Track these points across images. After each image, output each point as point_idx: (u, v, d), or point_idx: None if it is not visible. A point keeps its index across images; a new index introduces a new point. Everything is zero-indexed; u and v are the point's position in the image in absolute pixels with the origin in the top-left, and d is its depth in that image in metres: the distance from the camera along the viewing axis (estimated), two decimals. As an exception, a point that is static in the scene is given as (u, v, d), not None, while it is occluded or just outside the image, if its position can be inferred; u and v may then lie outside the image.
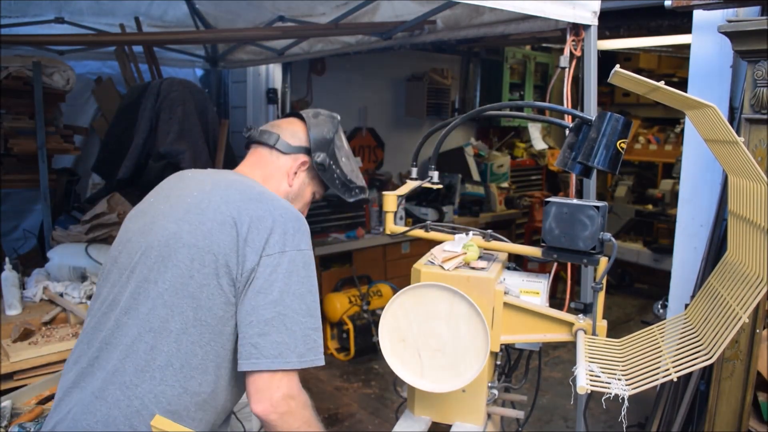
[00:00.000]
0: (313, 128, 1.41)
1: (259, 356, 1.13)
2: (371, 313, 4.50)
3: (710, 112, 1.18)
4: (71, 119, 3.88)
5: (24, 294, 2.64)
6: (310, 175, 1.43)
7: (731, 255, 1.37)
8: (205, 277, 1.15)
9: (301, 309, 1.17)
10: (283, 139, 1.38)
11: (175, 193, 1.28)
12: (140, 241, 1.23)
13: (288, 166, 1.39)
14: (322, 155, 1.39)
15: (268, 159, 1.39)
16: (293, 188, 1.41)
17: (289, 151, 1.38)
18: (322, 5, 3.15)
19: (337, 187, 1.45)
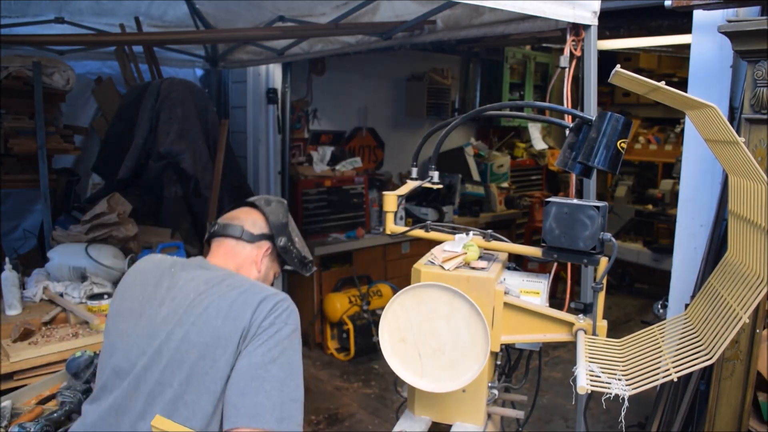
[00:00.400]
0: (270, 215, 1.50)
1: (237, 415, 1.18)
2: (371, 313, 4.50)
3: (710, 112, 1.18)
4: (71, 119, 3.88)
5: (24, 294, 2.64)
6: (272, 257, 1.52)
7: (731, 255, 1.37)
8: (218, 371, 1.20)
9: (282, 377, 1.22)
10: (246, 230, 1.45)
11: (170, 295, 1.31)
12: (143, 345, 1.27)
13: (254, 254, 1.46)
14: (283, 239, 1.50)
15: (236, 250, 1.45)
16: (261, 273, 1.48)
17: (254, 240, 1.46)
18: (322, 5, 3.15)
19: (296, 265, 1.56)
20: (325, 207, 4.69)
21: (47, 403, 1.90)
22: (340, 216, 4.77)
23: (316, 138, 5.09)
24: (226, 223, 1.47)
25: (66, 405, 1.74)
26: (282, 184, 4.54)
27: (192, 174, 3.46)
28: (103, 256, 2.81)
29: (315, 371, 4.26)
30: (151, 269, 1.41)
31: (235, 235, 1.44)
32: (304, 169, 4.80)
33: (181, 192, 3.50)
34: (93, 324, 2.44)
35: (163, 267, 1.40)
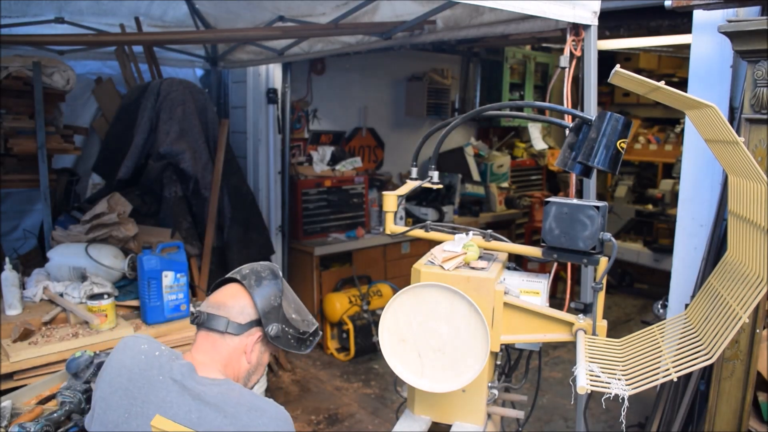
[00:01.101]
0: (259, 299, 1.37)
1: None
2: (371, 313, 4.50)
3: (710, 112, 1.18)
4: (71, 119, 3.88)
5: (24, 294, 2.64)
6: (265, 342, 1.40)
7: (731, 255, 1.37)
8: None
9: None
10: (232, 322, 1.34)
11: (151, 411, 1.23)
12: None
13: (243, 345, 1.36)
14: (275, 327, 1.37)
15: (221, 344, 1.34)
16: (252, 364, 1.39)
17: (241, 331, 1.35)
18: (322, 5, 3.14)
19: (292, 347, 1.42)
20: (325, 207, 4.69)
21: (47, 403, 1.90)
22: (340, 216, 4.77)
23: (316, 138, 5.09)
24: (211, 313, 1.35)
25: (66, 405, 1.74)
26: (282, 184, 4.55)
27: (192, 174, 3.46)
28: (103, 256, 2.81)
29: (315, 371, 4.26)
30: (137, 374, 1.28)
31: (220, 330, 1.33)
32: (304, 169, 4.80)
33: (181, 192, 3.50)
34: (93, 324, 2.44)
35: (150, 375, 1.28)
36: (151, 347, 1.34)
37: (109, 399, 1.28)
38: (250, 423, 1.22)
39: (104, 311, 2.46)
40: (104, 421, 1.27)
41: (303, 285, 4.62)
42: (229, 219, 3.71)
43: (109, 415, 1.26)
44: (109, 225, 3.03)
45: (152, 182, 3.46)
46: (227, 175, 3.69)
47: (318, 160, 4.95)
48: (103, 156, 3.83)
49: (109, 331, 2.47)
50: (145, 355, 1.31)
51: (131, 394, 1.26)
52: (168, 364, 1.29)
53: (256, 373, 1.42)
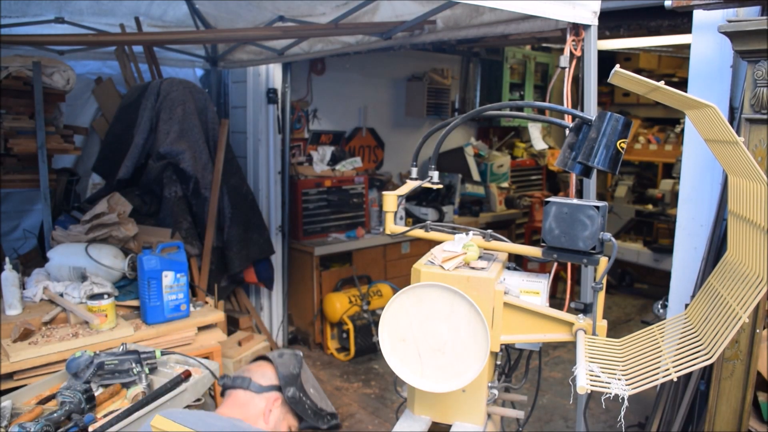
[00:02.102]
0: (280, 366, 1.52)
1: None
2: (371, 313, 4.50)
3: (710, 112, 1.18)
4: (71, 119, 3.88)
5: (24, 294, 2.64)
6: (284, 410, 1.51)
7: (731, 255, 1.37)
8: None
9: None
10: (254, 382, 1.47)
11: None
12: None
13: (263, 405, 1.46)
14: (292, 389, 1.50)
15: (243, 401, 1.46)
16: (269, 425, 1.47)
17: (262, 391, 1.47)
18: (322, 5, 3.15)
19: (310, 417, 1.53)
20: (325, 207, 4.70)
21: (47, 403, 1.90)
22: (340, 216, 4.78)
23: (316, 138, 5.09)
24: (237, 375, 1.50)
25: (66, 405, 1.74)
26: (282, 184, 4.55)
27: (192, 174, 3.46)
28: (103, 256, 2.81)
29: (315, 371, 4.26)
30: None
31: (243, 387, 1.46)
32: (304, 169, 4.80)
33: (181, 192, 3.50)
34: (93, 324, 2.44)
35: None
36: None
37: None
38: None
39: (104, 311, 2.46)
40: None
41: (303, 285, 4.62)
42: (229, 219, 3.71)
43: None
44: (109, 225, 3.04)
45: (152, 182, 3.47)
46: (227, 175, 3.69)
47: (318, 160, 4.95)
48: (103, 156, 3.83)
49: (109, 331, 2.47)
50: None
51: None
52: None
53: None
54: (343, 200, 4.78)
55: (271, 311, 4.65)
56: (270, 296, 4.62)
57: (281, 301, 4.66)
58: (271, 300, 4.63)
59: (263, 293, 4.62)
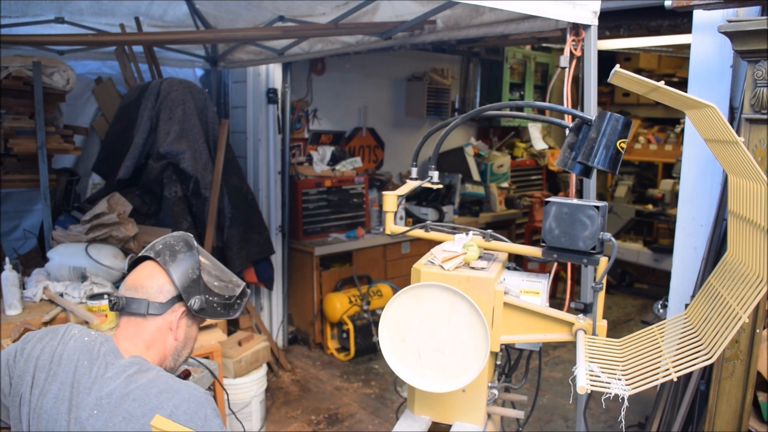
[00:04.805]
0: (176, 274, 1.34)
1: None
2: (371, 313, 4.50)
3: (710, 112, 1.18)
4: (71, 119, 3.88)
5: (24, 294, 2.64)
6: (190, 316, 1.39)
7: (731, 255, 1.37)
8: None
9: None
10: (153, 302, 1.32)
11: (76, 403, 1.22)
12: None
13: (167, 323, 1.34)
14: (197, 300, 1.35)
15: (144, 326, 1.32)
16: (180, 339, 1.37)
17: (163, 310, 1.33)
18: (322, 5, 3.15)
19: (220, 315, 1.40)
20: (325, 207, 4.70)
21: None
22: (340, 216, 4.78)
23: (316, 138, 5.09)
24: (130, 296, 1.33)
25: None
26: (282, 184, 4.55)
27: (192, 174, 3.46)
28: (103, 256, 2.81)
29: (315, 371, 4.26)
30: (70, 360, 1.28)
31: (141, 312, 1.31)
32: (304, 169, 4.80)
33: (181, 192, 3.50)
34: (93, 324, 2.44)
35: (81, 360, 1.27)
36: (81, 333, 1.35)
37: (40, 382, 1.27)
38: (159, 405, 1.19)
39: (104, 311, 2.46)
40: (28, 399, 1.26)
41: (303, 285, 4.62)
42: (229, 219, 3.71)
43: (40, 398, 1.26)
44: (109, 225, 3.03)
45: (152, 182, 3.46)
46: (227, 175, 3.69)
47: (318, 160, 4.95)
48: (103, 156, 3.83)
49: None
50: (80, 342, 1.32)
51: (59, 377, 1.26)
52: (96, 350, 1.29)
53: (185, 348, 1.41)
54: (343, 200, 4.78)
55: (271, 311, 4.65)
56: (270, 296, 4.62)
57: (281, 301, 4.66)
58: (271, 300, 4.63)
59: (263, 293, 4.62)
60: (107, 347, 1.30)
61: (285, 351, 4.57)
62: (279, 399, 3.83)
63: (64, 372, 1.26)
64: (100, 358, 1.27)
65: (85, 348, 1.30)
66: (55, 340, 1.32)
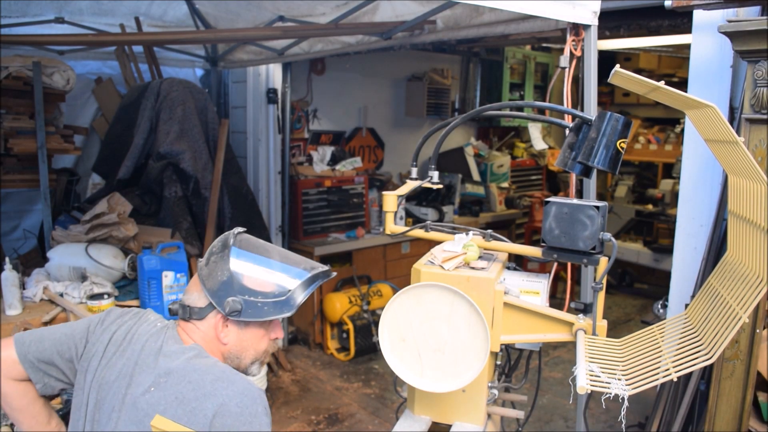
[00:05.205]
0: (207, 281, 1.31)
1: None
2: (371, 313, 4.50)
3: (710, 112, 1.18)
4: (71, 119, 3.88)
5: (24, 294, 2.64)
6: (238, 322, 1.32)
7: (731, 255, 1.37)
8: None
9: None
10: (194, 308, 1.32)
11: (137, 380, 1.24)
12: (104, 424, 1.24)
13: (212, 328, 1.32)
14: (230, 302, 1.28)
15: (195, 331, 1.33)
16: (229, 345, 1.33)
17: (203, 315, 1.31)
18: (322, 5, 3.15)
19: (270, 313, 1.30)
20: (325, 207, 4.69)
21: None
22: (340, 216, 4.77)
23: (316, 138, 5.09)
24: (182, 303, 1.35)
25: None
26: (282, 184, 4.55)
27: (192, 174, 3.46)
28: (103, 256, 2.81)
29: (315, 371, 4.26)
30: (141, 341, 1.32)
31: (185, 318, 1.32)
32: (304, 169, 4.80)
33: (181, 192, 3.50)
34: (93, 324, 2.44)
35: (148, 342, 1.31)
36: (156, 318, 1.39)
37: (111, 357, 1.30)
38: (213, 392, 1.19)
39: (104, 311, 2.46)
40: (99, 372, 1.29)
41: (303, 285, 4.61)
42: (229, 219, 3.71)
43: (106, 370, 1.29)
44: (109, 225, 3.04)
45: (152, 182, 3.47)
46: (227, 175, 3.69)
47: (318, 160, 4.95)
48: (103, 156, 3.83)
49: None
50: (152, 325, 1.35)
51: (126, 354, 1.29)
52: (164, 333, 1.33)
53: (244, 352, 1.36)
54: (343, 200, 4.78)
55: (271, 311, 4.65)
56: (270, 296, 4.61)
57: (281, 301, 4.65)
58: (271, 300, 4.62)
59: (263, 293, 4.61)
60: (173, 332, 1.34)
61: (285, 351, 4.57)
62: (279, 399, 3.83)
63: (132, 350, 1.29)
64: (166, 341, 1.30)
65: (154, 331, 1.33)
66: (133, 320, 1.37)
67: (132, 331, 1.33)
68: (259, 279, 1.32)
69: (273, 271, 1.36)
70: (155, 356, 1.27)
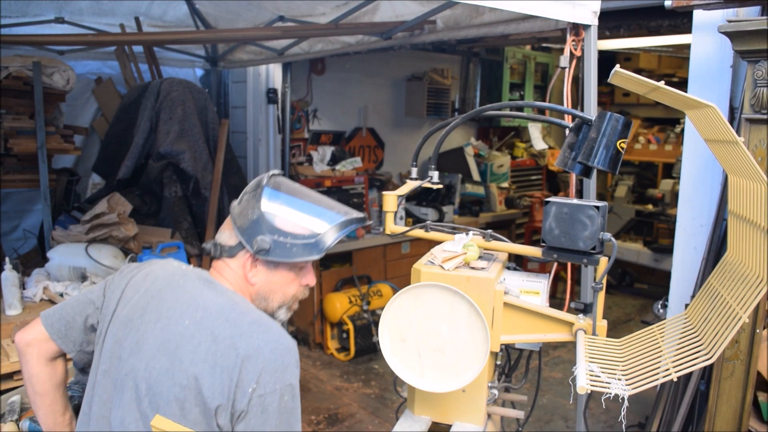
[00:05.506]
0: (237, 219, 1.30)
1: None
2: (371, 313, 4.50)
3: (710, 112, 1.18)
4: (71, 119, 3.88)
5: (24, 294, 2.64)
6: (267, 263, 1.30)
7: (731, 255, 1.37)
8: (196, 416, 1.15)
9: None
10: (225, 245, 1.31)
11: (167, 312, 1.23)
12: (130, 361, 1.21)
13: (241, 267, 1.30)
14: (258, 240, 1.25)
15: (225, 269, 1.32)
16: (257, 285, 1.31)
17: (233, 254, 1.30)
18: (322, 5, 3.15)
19: (298, 255, 1.27)
20: (325, 207, 4.69)
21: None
22: (340, 216, 4.77)
23: (316, 138, 5.09)
24: (214, 241, 1.34)
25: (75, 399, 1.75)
26: (282, 184, 4.54)
27: (192, 174, 3.46)
28: (103, 256, 2.81)
29: (315, 371, 4.26)
30: (169, 278, 1.32)
31: (216, 256, 1.32)
32: (304, 169, 4.80)
33: (181, 192, 3.50)
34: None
35: (176, 278, 1.31)
36: (180, 263, 1.38)
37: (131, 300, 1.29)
38: (250, 333, 1.18)
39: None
40: (119, 338, 1.26)
41: (303, 285, 4.61)
42: (229, 219, 3.71)
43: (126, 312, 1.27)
44: (109, 225, 3.04)
45: (152, 182, 3.47)
46: (227, 175, 3.69)
47: (318, 160, 4.95)
48: (103, 156, 3.83)
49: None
50: (173, 267, 1.35)
51: (148, 299, 1.27)
52: (191, 273, 1.33)
53: (272, 294, 1.33)
54: (343, 200, 4.75)
55: (271, 311, 4.65)
56: (270, 296, 4.61)
57: (281, 301, 4.65)
58: (271, 300, 4.62)
59: (263, 293, 4.61)
60: (205, 273, 1.33)
61: (285, 351, 4.57)
62: (279, 399, 3.83)
63: (155, 287, 1.28)
64: (199, 278, 1.30)
65: (180, 271, 1.33)
66: (153, 265, 1.36)
67: (153, 272, 1.33)
68: (290, 220, 1.30)
69: (304, 213, 1.34)
70: (184, 292, 1.26)
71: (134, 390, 1.18)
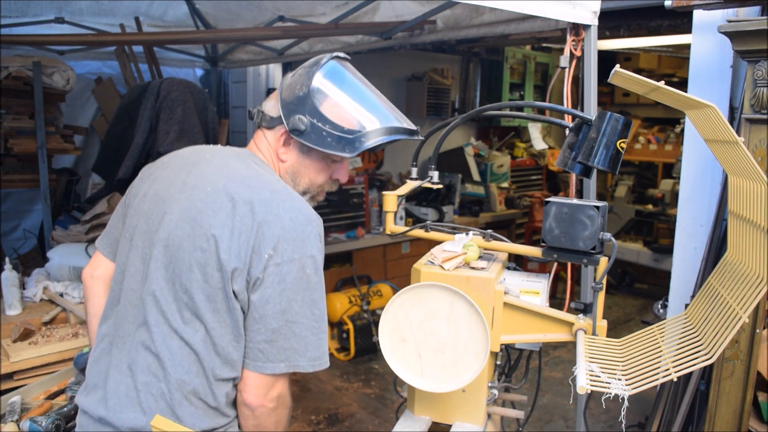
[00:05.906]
0: (284, 91, 1.27)
1: (266, 360, 1.15)
2: (371, 313, 4.50)
3: (710, 112, 1.18)
4: (71, 119, 3.88)
5: (24, 294, 2.64)
6: (299, 145, 1.27)
7: (731, 255, 1.37)
8: (217, 281, 1.13)
9: (308, 315, 1.16)
10: (267, 115, 1.29)
11: (192, 182, 1.21)
12: (158, 233, 1.19)
13: (275, 140, 1.29)
14: (296, 119, 1.21)
15: (262, 140, 1.31)
16: (287, 163, 1.29)
17: (272, 125, 1.28)
18: (322, 5, 3.15)
19: (331, 147, 1.21)
20: (325, 207, 4.69)
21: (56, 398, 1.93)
22: (340, 216, 4.77)
23: (316, 138, 5.08)
24: (259, 108, 1.32)
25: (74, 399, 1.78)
26: (282, 184, 4.54)
27: (192, 174, 3.46)
28: (103, 256, 2.81)
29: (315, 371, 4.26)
30: (194, 152, 1.31)
31: (258, 124, 1.31)
32: (304, 169, 4.79)
33: (181, 192, 3.50)
34: (93, 324, 2.45)
35: (203, 153, 1.29)
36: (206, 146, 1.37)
37: (159, 176, 1.29)
38: (271, 200, 1.15)
39: (104, 311, 2.46)
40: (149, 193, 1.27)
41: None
42: (229, 219, 3.71)
43: (155, 187, 1.27)
44: (109, 225, 3.04)
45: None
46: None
47: (318, 160, 4.95)
48: (103, 156, 3.83)
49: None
50: (199, 147, 1.34)
51: (173, 172, 1.27)
52: (221, 148, 1.32)
53: (299, 176, 1.31)
54: (343, 200, 4.78)
55: (271, 311, 4.65)
56: (270, 296, 4.61)
57: (281, 301, 4.65)
58: (271, 300, 4.62)
59: (263, 293, 4.61)
60: (237, 149, 1.31)
61: (285, 351, 4.57)
62: (279, 399, 3.83)
63: (181, 162, 1.28)
64: (225, 153, 1.28)
65: (208, 147, 1.32)
66: (183, 149, 1.36)
67: (181, 153, 1.33)
68: (335, 108, 1.25)
69: (356, 103, 1.30)
70: (209, 164, 1.24)
71: (160, 259, 1.16)
